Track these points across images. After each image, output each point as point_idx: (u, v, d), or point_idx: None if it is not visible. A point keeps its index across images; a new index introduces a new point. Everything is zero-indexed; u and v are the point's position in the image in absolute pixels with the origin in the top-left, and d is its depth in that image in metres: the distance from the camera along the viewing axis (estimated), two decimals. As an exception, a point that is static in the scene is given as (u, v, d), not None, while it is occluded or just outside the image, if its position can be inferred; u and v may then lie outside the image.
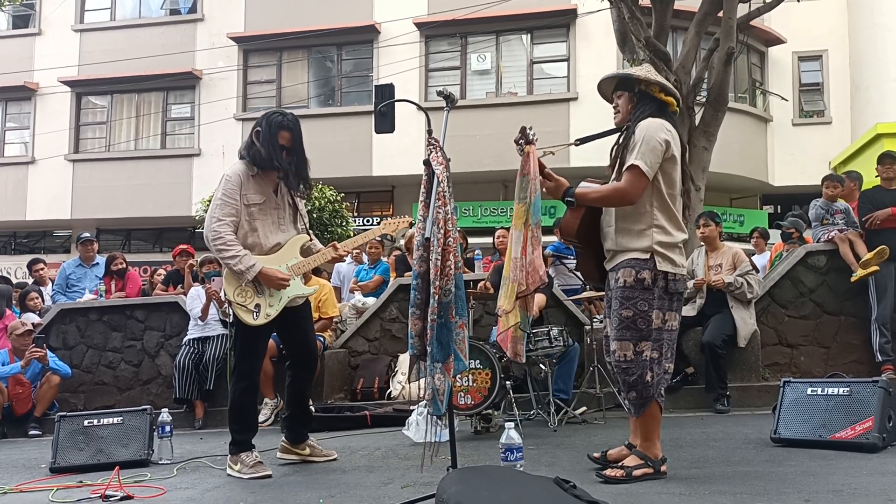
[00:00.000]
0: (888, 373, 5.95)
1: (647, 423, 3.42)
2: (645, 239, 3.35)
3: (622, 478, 3.33)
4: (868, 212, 6.28)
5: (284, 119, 4.00)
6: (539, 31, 16.25)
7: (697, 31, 7.40)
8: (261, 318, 3.98)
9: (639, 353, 3.32)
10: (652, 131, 3.32)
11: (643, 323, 3.32)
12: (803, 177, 15.17)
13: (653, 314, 3.33)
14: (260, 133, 3.99)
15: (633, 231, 3.37)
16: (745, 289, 5.97)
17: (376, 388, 6.80)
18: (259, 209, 4.01)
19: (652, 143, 3.30)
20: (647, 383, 3.34)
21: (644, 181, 3.30)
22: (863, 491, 2.99)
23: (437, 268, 3.00)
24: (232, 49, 17.50)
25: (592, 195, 3.42)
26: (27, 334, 6.89)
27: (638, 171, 3.28)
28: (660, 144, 3.31)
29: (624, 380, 3.38)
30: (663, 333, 3.40)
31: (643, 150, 3.29)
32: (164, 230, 18.57)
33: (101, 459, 4.52)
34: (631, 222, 3.38)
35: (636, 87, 3.50)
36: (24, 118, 19.04)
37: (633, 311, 3.32)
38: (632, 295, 3.33)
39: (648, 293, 3.33)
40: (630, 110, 3.51)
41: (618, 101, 3.57)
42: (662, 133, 3.33)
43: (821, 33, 16.59)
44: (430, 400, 3.04)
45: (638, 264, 3.34)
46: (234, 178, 3.99)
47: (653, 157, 3.29)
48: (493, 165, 15.33)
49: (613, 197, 3.38)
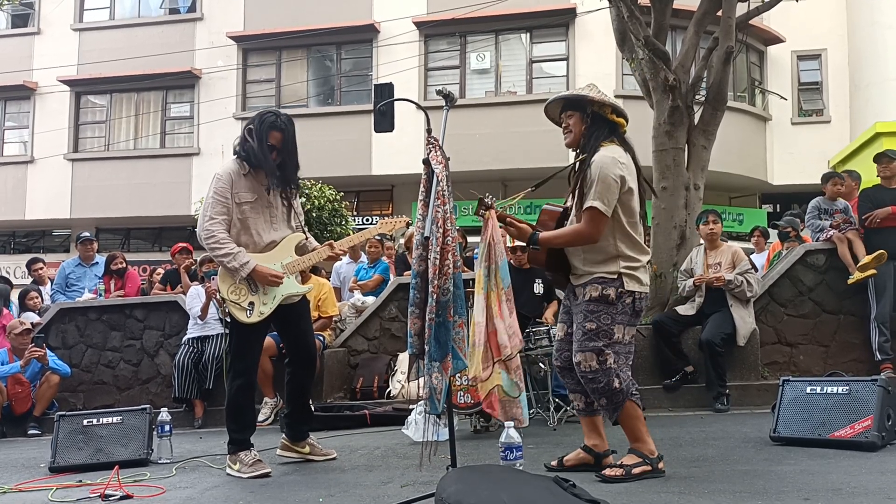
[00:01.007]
0: (887, 371, 5.96)
1: (629, 424, 3.46)
2: (612, 265, 3.44)
3: (622, 476, 3.34)
4: (868, 210, 6.29)
5: (277, 119, 4.00)
6: (538, 31, 16.24)
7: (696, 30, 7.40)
8: (254, 316, 3.98)
9: (602, 361, 3.38)
10: (606, 169, 3.36)
11: (605, 336, 3.40)
12: (802, 176, 15.18)
13: (615, 328, 3.41)
14: (252, 131, 3.99)
15: (598, 261, 3.46)
16: (744, 287, 5.97)
17: (376, 387, 6.80)
18: (251, 207, 4.01)
19: (607, 181, 3.35)
20: (615, 389, 3.39)
21: (603, 219, 3.37)
22: (862, 489, 3.00)
23: (435, 267, 3.00)
24: (231, 48, 17.48)
25: (556, 241, 3.50)
26: (26, 333, 6.89)
27: (596, 211, 3.36)
28: (615, 182, 3.36)
29: (593, 388, 3.43)
30: (627, 347, 3.49)
31: (599, 190, 3.34)
32: (164, 229, 18.55)
33: (101, 459, 4.52)
34: (596, 253, 3.46)
35: (588, 108, 3.52)
36: (24, 117, 19.02)
37: (596, 325, 3.40)
38: (596, 309, 3.42)
39: (612, 308, 3.41)
40: (583, 132, 3.53)
41: (568, 122, 3.58)
42: (616, 169, 3.38)
43: (820, 32, 16.58)
44: (427, 399, 3.04)
45: (605, 282, 3.43)
46: (224, 176, 3.99)
47: (609, 196, 3.36)
48: (493, 164, 15.33)
49: (576, 240, 3.46)
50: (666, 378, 6.17)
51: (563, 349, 3.64)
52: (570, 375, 3.63)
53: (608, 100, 3.53)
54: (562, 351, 3.65)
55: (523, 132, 15.30)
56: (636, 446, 3.46)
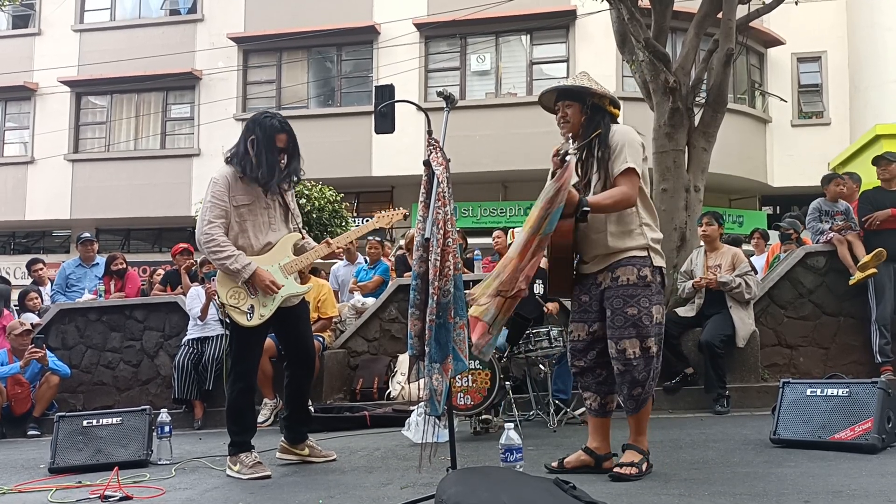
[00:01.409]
0: (887, 374, 5.96)
1: (642, 419, 3.48)
2: (640, 237, 3.43)
3: (637, 475, 3.35)
4: (868, 212, 6.29)
5: (277, 121, 3.99)
6: (538, 32, 16.25)
7: (697, 33, 7.40)
8: (255, 319, 3.97)
9: (645, 349, 3.37)
10: (631, 135, 3.46)
11: (647, 319, 3.37)
12: (802, 178, 15.18)
13: (653, 309, 3.40)
14: (256, 141, 3.95)
15: (626, 233, 3.43)
16: (742, 289, 5.97)
17: (376, 389, 6.80)
18: (248, 210, 4.01)
19: (635, 145, 3.44)
20: (649, 377, 3.41)
21: (638, 182, 3.41)
22: (862, 492, 2.99)
23: (435, 268, 3.00)
24: (232, 49, 17.49)
25: (605, 202, 3.38)
26: (26, 334, 6.89)
27: (633, 172, 3.38)
28: (640, 146, 3.46)
29: (632, 378, 3.38)
30: (661, 328, 3.49)
31: (631, 153, 3.39)
32: (164, 230, 18.56)
33: (100, 460, 4.52)
34: (623, 225, 3.44)
35: (588, 99, 3.54)
36: (24, 118, 19.02)
37: (637, 309, 3.36)
38: (635, 293, 3.38)
39: (648, 290, 3.40)
40: (582, 123, 3.54)
41: (565, 112, 3.57)
42: (638, 136, 3.49)
43: (820, 34, 16.60)
44: (427, 400, 3.04)
45: (638, 262, 3.40)
46: (221, 180, 3.98)
47: (639, 159, 3.42)
48: (493, 166, 15.33)
49: (622, 201, 3.40)
50: (666, 380, 6.16)
51: (587, 350, 3.54)
52: (591, 374, 3.56)
53: (607, 92, 3.57)
54: (586, 351, 3.54)
55: (524, 134, 15.29)
56: (637, 441, 3.46)
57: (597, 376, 3.56)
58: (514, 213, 15.76)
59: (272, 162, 3.95)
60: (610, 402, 3.60)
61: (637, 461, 3.41)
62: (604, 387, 3.55)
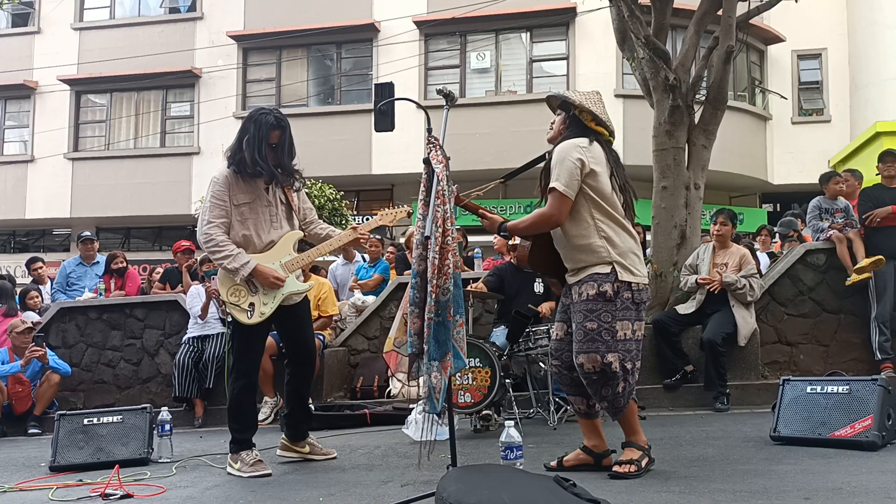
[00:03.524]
0: (887, 371, 5.96)
1: (629, 420, 3.48)
2: (600, 251, 3.39)
3: (635, 472, 3.35)
4: (868, 209, 6.29)
5: (273, 117, 3.98)
6: (538, 30, 16.23)
7: (697, 30, 7.39)
8: (255, 317, 3.98)
9: (606, 364, 3.33)
10: (564, 153, 3.40)
11: (608, 335, 3.34)
12: (802, 175, 15.19)
13: (616, 325, 3.35)
14: (248, 137, 3.95)
15: (584, 247, 3.41)
16: (746, 290, 5.98)
17: (376, 387, 6.81)
18: (249, 208, 4.01)
19: (565, 163, 3.37)
20: (617, 394, 3.37)
21: (566, 201, 3.36)
22: (862, 489, 3.00)
23: (434, 266, 3.00)
24: (231, 47, 17.48)
25: (521, 225, 3.50)
26: (27, 332, 6.89)
27: (557, 193, 3.36)
28: (574, 163, 3.36)
29: (594, 391, 3.40)
30: (632, 344, 3.41)
31: (558, 172, 3.37)
32: (164, 228, 18.56)
33: (101, 458, 4.52)
34: (580, 239, 3.42)
35: (571, 110, 3.54)
36: (24, 116, 19.02)
37: (597, 324, 3.34)
38: (595, 307, 3.36)
39: (611, 304, 3.35)
40: (562, 131, 3.57)
41: (554, 119, 3.65)
42: (575, 152, 3.38)
43: (820, 31, 16.59)
44: (426, 398, 3.04)
45: (600, 278, 3.37)
46: (221, 179, 3.99)
47: (569, 177, 3.35)
48: (493, 163, 15.26)
49: (539, 222, 3.45)
50: (666, 377, 6.17)
51: (562, 349, 3.57)
52: (569, 377, 3.56)
53: (589, 107, 3.49)
54: (561, 351, 3.58)
55: (523, 132, 15.28)
56: (633, 439, 3.47)
57: (574, 379, 3.53)
58: (514, 211, 15.75)
59: (264, 156, 3.93)
60: (595, 403, 3.57)
61: (636, 458, 3.41)
62: (584, 388, 3.50)
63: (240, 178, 4.01)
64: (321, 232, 4.31)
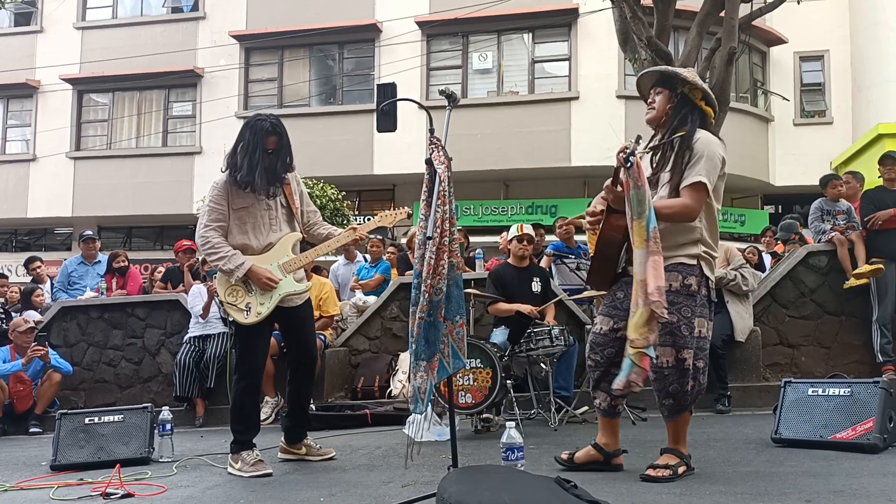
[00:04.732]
0: (889, 373, 5.95)
1: (680, 426, 3.41)
2: (692, 247, 3.31)
3: (669, 477, 3.31)
4: (870, 212, 6.28)
5: (269, 123, 3.98)
6: (540, 31, 16.23)
7: (699, 31, 7.40)
8: (252, 317, 4.00)
9: (681, 360, 3.25)
10: (714, 147, 3.29)
11: (686, 329, 3.24)
12: (804, 177, 15.15)
13: (695, 321, 3.27)
14: (243, 144, 3.96)
15: (681, 242, 3.31)
16: (739, 281, 5.97)
17: (377, 387, 6.80)
18: (248, 212, 4.04)
19: (714, 159, 3.27)
20: (686, 392, 3.29)
21: (704, 197, 3.25)
22: (864, 492, 2.99)
23: (429, 266, 3.00)
24: (233, 47, 17.49)
25: (664, 210, 3.22)
26: (29, 332, 6.89)
27: (703, 186, 3.22)
28: (720, 161, 3.29)
29: (662, 387, 3.30)
30: (705, 343, 3.34)
31: (707, 167, 3.23)
32: (165, 228, 18.57)
33: (102, 457, 4.52)
34: (677, 234, 3.30)
35: (679, 88, 3.39)
36: (26, 115, 19.04)
37: (677, 317, 3.22)
38: (676, 300, 3.23)
39: (692, 300, 3.27)
40: (668, 111, 3.40)
41: (654, 98, 3.44)
42: (721, 150, 3.31)
43: (822, 33, 16.57)
44: (411, 398, 3.04)
45: (685, 269, 3.27)
46: (220, 184, 4.03)
47: (714, 175, 3.27)
48: (495, 164, 15.33)
49: (682, 213, 3.26)
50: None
51: (605, 345, 3.43)
52: (604, 373, 3.44)
53: (700, 84, 3.38)
54: (604, 346, 3.43)
55: (525, 132, 15.30)
56: (676, 447, 3.40)
57: (609, 376, 3.40)
58: (515, 211, 15.75)
59: (257, 164, 3.93)
60: (619, 404, 3.53)
61: (673, 464, 3.34)
62: (609, 385, 3.39)
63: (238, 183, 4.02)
64: (323, 232, 4.32)
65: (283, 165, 4.03)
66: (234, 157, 3.98)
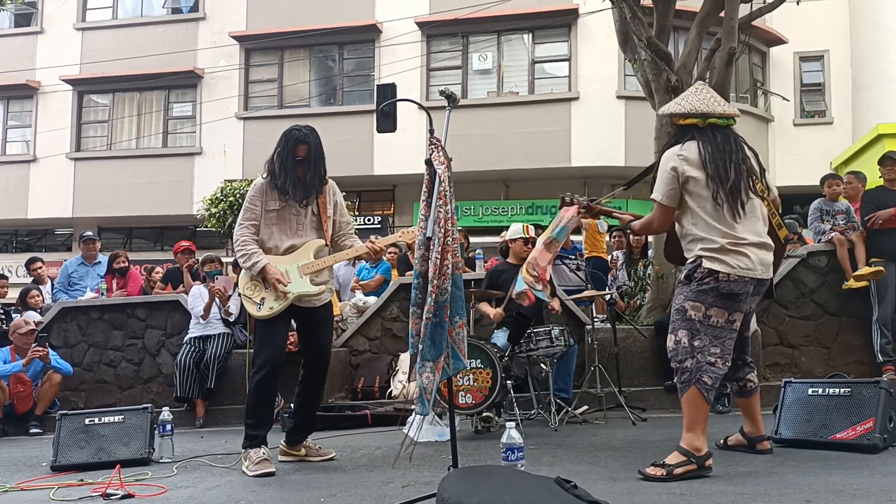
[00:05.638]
0: (889, 373, 5.96)
1: (688, 411, 3.51)
2: (691, 249, 3.63)
3: (663, 476, 3.33)
4: (870, 212, 6.29)
5: (300, 133, 4.25)
6: (540, 31, 16.24)
7: (699, 31, 7.39)
8: (264, 311, 4.18)
9: (678, 341, 3.56)
10: (664, 161, 3.64)
11: (678, 313, 3.60)
12: (804, 177, 15.13)
13: (687, 305, 3.55)
14: (279, 150, 4.24)
15: (685, 247, 3.70)
16: None
17: (377, 387, 6.81)
18: (277, 215, 4.26)
19: (663, 175, 3.61)
20: (685, 369, 3.51)
21: (666, 210, 3.65)
22: (863, 491, 2.99)
23: (435, 266, 3.00)
24: (233, 48, 17.50)
25: (637, 227, 4.02)
26: (30, 334, 6.89)
27: (656, 203, 3.66)
28: (668, 173, 3.58)
29: (671, 365, 3.63)
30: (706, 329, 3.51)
31: (658, 184, 3.64)
32: (166, 229, 18.58)
33: (102, 458, 4.52)
34: (684, 241, 3.70)
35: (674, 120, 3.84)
36: (26, 116, 19.04)
37: (677, 305, 3.64)
38: (678, 290, 3.68)
39: (686, 287, 3.60)
40: None
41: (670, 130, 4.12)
42: (671, 162, 3.59)
43: (822, 33, 16.57)
44: (416, 398, 3.04)
45: (687, 267, 3.66)
46: (258, 185, 4.30)
47: (666, 187, 3.59)
48: (495, 165, 15.33)
49: (646, 227, 3.95)
50: (667, 378, 6.15)
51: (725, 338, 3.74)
52: None
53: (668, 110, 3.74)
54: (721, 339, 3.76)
55: (525, 133, 15.29)
56: (685, 440, 3.43)
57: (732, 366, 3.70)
58: (515, 211, 15.76)
59: (290, 172, 4.19)
60: (746, 382, 3.83)
61: (674, 462, 3.37)
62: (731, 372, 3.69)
63: (275, 186, 4.25)
64: (347, 244, 4.48)
65: (314, 174, 4.22)
66: (272, 164, 4.26)
